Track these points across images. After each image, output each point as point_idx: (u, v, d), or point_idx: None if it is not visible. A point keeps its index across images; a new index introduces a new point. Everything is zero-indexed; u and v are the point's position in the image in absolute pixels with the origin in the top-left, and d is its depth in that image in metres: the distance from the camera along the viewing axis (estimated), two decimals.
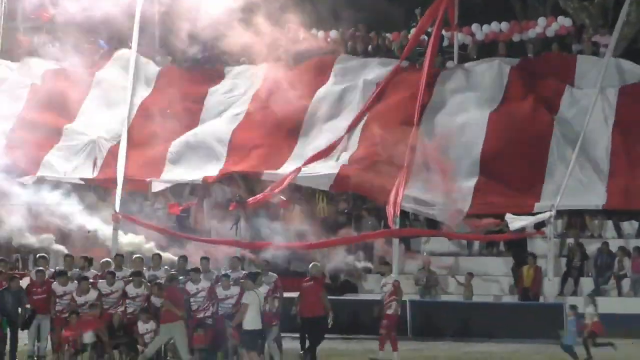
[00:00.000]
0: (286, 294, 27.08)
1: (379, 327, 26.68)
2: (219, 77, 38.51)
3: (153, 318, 25.29)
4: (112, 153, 35.20)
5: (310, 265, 27.44)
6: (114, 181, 33.84)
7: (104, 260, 27.97)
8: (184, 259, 28.29)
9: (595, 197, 32.73)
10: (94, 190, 35.58)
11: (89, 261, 28.34)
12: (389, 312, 26.35)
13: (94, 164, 35.10)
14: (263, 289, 24.16)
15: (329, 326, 26.04)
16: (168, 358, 25.46)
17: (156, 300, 25.53)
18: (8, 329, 26.02)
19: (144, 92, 37.35)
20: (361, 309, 28.94)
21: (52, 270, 27.67)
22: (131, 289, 26.09)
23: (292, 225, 33.68)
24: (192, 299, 25.33)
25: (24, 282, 27.01)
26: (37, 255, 28.36)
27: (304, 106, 36.10)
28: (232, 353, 24.96)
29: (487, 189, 33.14)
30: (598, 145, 33.76)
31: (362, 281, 32.60)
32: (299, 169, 33.92)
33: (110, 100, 37.58)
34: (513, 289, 32.95)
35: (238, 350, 23.89)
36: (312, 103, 36.11)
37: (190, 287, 25.10)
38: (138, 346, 25.48)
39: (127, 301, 26.24)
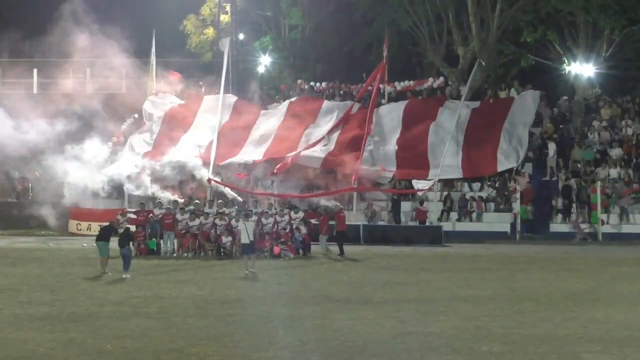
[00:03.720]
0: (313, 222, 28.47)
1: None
2: (264, 107, 39.34)
3: (231, 234, 26.61)
4: (208, 147, 35.23)
5: (334, 205, 29.02)
6: (208, 161, 34.13)
7: (195, 201, 29.34)
8: (242, 202, 31.18)
9: (456, 171, 34.42)
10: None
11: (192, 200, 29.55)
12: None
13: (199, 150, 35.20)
14: (253, 220, 25.06)
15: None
16: (238, 252, 25.56)
17: (234, 223, 26.79)
18: (155, 244, 28.10)
19: (225, 116, 37.54)
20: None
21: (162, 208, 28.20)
22: (218, 221, 27.87)
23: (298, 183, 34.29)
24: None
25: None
26: (156, 201, 29.17)
27: (307, 124, 36.94)
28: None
29: (402, 165, 34.16)
30: (455, 141, 34.91)
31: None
32: (299, 153, 34.64)
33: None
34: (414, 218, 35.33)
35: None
36: (312, 123, 37.28)
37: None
38: (221, 249, 26.91)
39: (217, 227, 27.26)
